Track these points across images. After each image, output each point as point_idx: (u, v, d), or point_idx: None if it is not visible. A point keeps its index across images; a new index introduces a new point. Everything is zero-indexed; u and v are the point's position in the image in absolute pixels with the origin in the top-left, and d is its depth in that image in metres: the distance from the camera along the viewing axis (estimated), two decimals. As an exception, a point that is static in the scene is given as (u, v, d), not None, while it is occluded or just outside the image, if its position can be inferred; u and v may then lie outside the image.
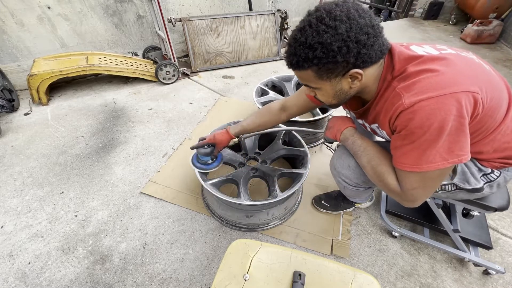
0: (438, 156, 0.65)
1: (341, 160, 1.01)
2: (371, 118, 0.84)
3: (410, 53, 0.70)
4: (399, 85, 0.68)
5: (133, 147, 1.80)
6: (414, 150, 0.67)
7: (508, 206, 0.91)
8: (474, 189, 0.83)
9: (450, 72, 0.64)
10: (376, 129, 0.87)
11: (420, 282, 1.12)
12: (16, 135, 1.92)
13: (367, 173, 0.87)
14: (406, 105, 0.64)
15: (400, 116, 0.67)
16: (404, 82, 0.67)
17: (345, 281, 0.66)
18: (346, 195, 1.19)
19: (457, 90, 0.61)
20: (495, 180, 0.83)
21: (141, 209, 1.41)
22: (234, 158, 1.40)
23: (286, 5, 3.31)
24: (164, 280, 1.13)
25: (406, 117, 0.65)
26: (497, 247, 1.23)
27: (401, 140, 0.69)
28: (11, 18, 2.14)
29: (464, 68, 0.66)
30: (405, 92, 0.65)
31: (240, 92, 2.43)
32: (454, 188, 0.86)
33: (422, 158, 0.66)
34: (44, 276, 1.14)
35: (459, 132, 0.63)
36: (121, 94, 2.38)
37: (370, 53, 0.65)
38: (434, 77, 0.63)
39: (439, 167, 0.66)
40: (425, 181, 0.70)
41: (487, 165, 0.82)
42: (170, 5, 2.64)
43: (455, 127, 0.62)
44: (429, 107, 0.61)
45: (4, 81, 2.23)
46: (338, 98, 0.77)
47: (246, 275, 0.67)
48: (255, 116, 1.18)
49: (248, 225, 1.29)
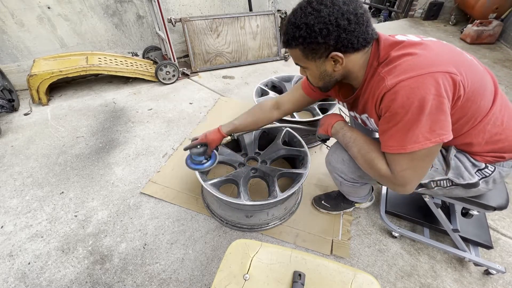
0: (421, 136, 0.67)
1: (335, 155, 1.03)
2: (360, 107, 0.86)
3: (394, 40, 0.74)
4: (383, 70, 0.71)
5: (133, 147, 1.80)
6: (399, 131, 0.69)
7: (507, 205, 0.91)
8: (469, 184, 0.84)
9: (428, 54, 0.68)
10: (366, 120, 0.89)
11: (420, 282, 1.12)
12: (16, 135, 1.92)
13: (358, 163, 0.89)
14: (389, 86, 0.67)
15: (384, 98, 0.70)
16: (387, 67, 0.71)
17: (345, 281, 0.66)
18: (344, 192, 1.19)
19: (435, 70, 0.64)
20: (490, 176, 0.83)
21: (141, 209, 1.41)
22: (234, 158, 1.40)
23: (286, 5, 3.31)
24: (164, 280, 1.13)
25: (389, 98, 0.68)
26: (497, 247, 1.23)
27: (386, 123, 0.72)
28: (11, 18, 2.14)
29: (443, 52, 0.70)
30: (387, 75, 0.69)
31: (240, 92, 2.43)
32: (450, 184, 0.87)
33: (406, 139, 0.69)
34: (44, 276, 1.14)
35: (439, 111, 0.65)
36: (121, 94, 2.38)
37: (350, 39, 0.69)
38: (413, 59, 0.67)
39: (423, 146, 0.68)
40: (413, 162, 0.72)
41: (480, 160, 0.83)
42: (170, 5, 2.65)
43: (435, 106, 0.65)
44: (409, 86, 0.65)
45: (4, 81, 2.23)
46: (323, 80, 0.82)
47: (246, 275, 0.67)
48: (247, 114, 1.18)
49: (248, 225, 1.29)
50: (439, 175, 0.86)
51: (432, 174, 0.87)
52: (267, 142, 1.51)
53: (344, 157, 0.99)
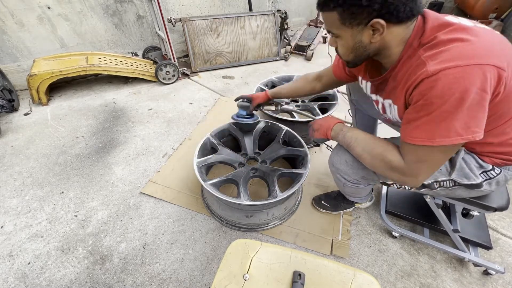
0: (454, 131, 0.62)
1: (338, 157, 1.02)
2: (387, 91, 0.81)
3: (444, 21, 0.67)
4: (425, 54, 0.65)
5: (133, 147, 1.80)
6: (429, 122, 0.64)
7: (507, 206, 0.91)
8: (473, 184, 0.83)
9: (480, 43, 0.61)
10: (387, 107, 0.84)
11: (420, 282, 1.12)
12: (16, 135, 1.92)
13: (364, 161, 0.86)
14: (430, 72, 0.61)
15: (421, 85, 0.64)
16: (431, 51, 0.64)
17: (345, 281, 0.66)
18: (346, 193, 1.19)
19: (485, 62, 0.59)
20: (494, 178, 0.82)
21: (141, 209, 1.41)
22: (234, 158, 1.40)
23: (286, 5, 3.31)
24: (164, 280, 1.13)
25: (427, 85, 0.62)
26: (497, 247, 1.23)
27: (416, 112, 0.67)
28: (11, 18, 2.14)
29: (494, 43, 0.64)
30: (430, 60, 0.63)
31: (240, 92, 2.43)
32: (453, 185, 0.86)
33: (437, 131, 0.64)
34: (44, 276, 1.14)
35: (479, 107, 0.61)
36: (121, 94, 2.38)
37: (397, 6, 0.62)
38: (464, 46, 0.61)
39: (452, 142, 0.63)
40: (433, 155, 0.69)
41: (489, 161, 0.81)
42: (170, 5, 2.65)
43: (476, 101, 0.60)
44: (453, 75, 0.59)
45: (4, 81, 2.23)
46: (356, 52, 0.75)
47: (246, 275, 0.67)
48: (292, 82, 1.29)
49: (248, 225, 1.29)
50: (442, 176, 0.85)
51: (436, 175, 0.86)
52: (267, 142, 1.51)
53: (347, 158, 0.98)
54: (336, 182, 1.14)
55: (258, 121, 1.46)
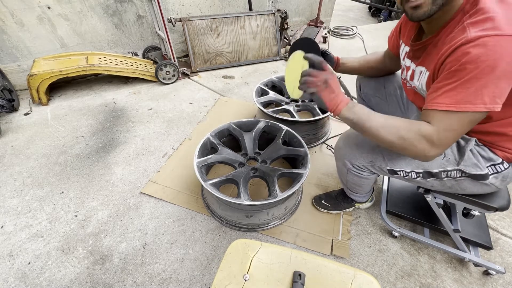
0: (480, 98, 0.63)
1: (347, 140, 1.02)
2: (424, 57, 0.80)
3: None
4: (468, 20, 0.65)
5: (133, 147, 1.80)
6: (458, 88, 0.65)
7: (508, 206, 0.91)
8: (479, 175, 0.83)
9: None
10: (417, 74, 0.84)
11: (420, 282, 1.12)
12: (16, 135, 1.92)
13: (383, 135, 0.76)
14: (470, 39, 0.62)
15: (458, 50, 0.64)
16: (475, 16, 0.65)
17: (345, 281, 0.66)
18: (347, 185, 1.19)
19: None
20: (501, 172, 0.82)
21: (141, 209, 1.41)
22: (234, 158, 1.40)
23: (286, 5, 3.31)
24: (164, 280, 1.13)
25: (464, 50, 0.63)
26: (497, 247, 1.23)
27: (447, 79, 0.67)
28: (11, 18, 2.14)
29: None
30: (471, 27, 0.63)
31: (240, 92, 2.43)
32: (460, 175, 0.86)
33: (464, 97, 0.64)
34: (44, 276, 1.14)
35: (508, 79, 0.62)
36: (121, 94, 2.38)
37: None
38: (507, 15, 0.62)
39: (476, 109, 0.64)
40: (457, 123, 0.68)
41: (500, 155, 0.82)
42: (170, 5, 2.64)
43: (508, 72, 0.61)
44: (491, 43, 0.60)
45: (4, 81, 2.23)
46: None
47: (246, 275, 0.67)
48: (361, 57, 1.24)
49: (248, 225, 1.29)
50: (450, 165, 0.86)
51: (444, 163, 0.86)
52: (267, 142, 1.51)
53: (357, 141, 0.98)
54: (339, 171, 1.14)
55: None
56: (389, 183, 1.39)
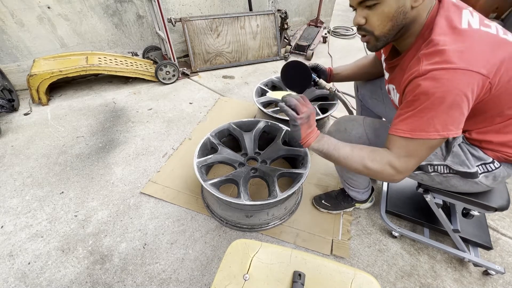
0: (432, 127, 0.68)
1: (338, 125, 1.04)
2: (394, 76, 0.84)
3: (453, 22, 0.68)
4: (423, 51, 0.69)
5: (133, 147, 1.80)
6: (413, 116, 0.69)
7: (508, 206, 0.91)
8: (467, 173, 0.83)
9: (474, 49, 0.64)
10: (391, 90, 0.88)
11: (420, 282, 1.12)
12: (16, 135, 1.92)
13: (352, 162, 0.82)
14: (422, 72, 0.66)
15: (412, 82, 0.68)
16: (428, 48, 0.68)
17: (345, 281, 0.66)
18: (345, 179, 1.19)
19: (471, 69, 0.62)
20: (492, 171, 0.83)
21: (141, 209, 1.41)
22: (234, 158, 1.40)
23: (286, 5, 3.31)
24: (164, 280, 1.13)
25: (417, 83, 0.67)
26: (497, 247, 1.23)
27: (406, 107, 0.71)
28: (11, 18, 2.14)
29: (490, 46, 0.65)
30: (425, 59, 0.67)
31: (240, 92, 2.43)
32: (448, 171, 0.87)
33: (418, 125, 0.69)
34: (44, 276, 1.14)
35: (458, 109, 0.65)
36: (121, 94, 2.38)
37: None
38: (456, 49, 0.64)
39: (430, 137, 0.69)
40: (413, 148, 0.73)
41: (491, 154, 0.82)
42: (170, 5, 2.64)
43: (456, 103, 0.64)
44: (439, 76, 0.63)
45: (4, 81, 2.23)
46: (395, 21, 0.71)
47: (246, 275, 0.67)
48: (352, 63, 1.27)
49: (248, 225, 1.29)
50: (437, 160, 0.87)
51: (431, 157, 0.87)
52: (267, 142, 1.51)
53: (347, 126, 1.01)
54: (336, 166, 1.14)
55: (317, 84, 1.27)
56: (389, 183, 1.40)
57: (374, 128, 0.99)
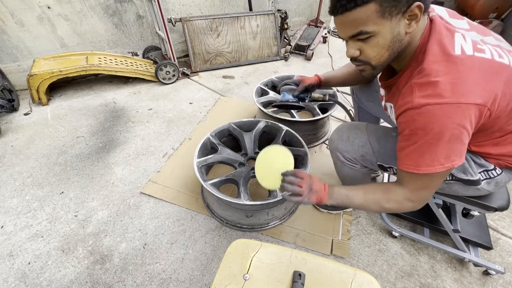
0: (436, 161, 0.67)
1: (340, 133, 1.03)
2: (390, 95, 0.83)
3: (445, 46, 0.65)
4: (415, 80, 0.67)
5: (133, 147, 1.80)
6: (415, 151, 0.69)
7: (508, 206, 0.91)
8: (470, 181, 0.83)
9: (468, 79, 0.62)
10: (389, 108, 0.87)
11: (420, 282, 1.12)
12: (16, 135, 1.92)
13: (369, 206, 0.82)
14: (415, 105, 0.64)
15: (406, 114, 0.67)
16: (421, 78, 0.65)
17: (345, 281, 0.66)
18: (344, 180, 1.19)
19: (466, 101, 0.61)
20: (494, 178, 0.83)
21: (141, 209, 1.41)
22: (234, 158, 1.40)
23: (286, 5, 3.31)
24: (164, 280, 1.13)
25: (411, 117, 0.66)
26: (497, 247, 1.23)
27: (405, 140, 0.71)
28: (11, 18, 2.14)
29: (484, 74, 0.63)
30: (417, 90, 0.65)
31: (240, 92, 2.43)
32: (450, 178, 0.87)
33: (421, 161, 0.69)
34: (44, 276, 1.14)
35: (458, 141, 0.65)
36: (121, 94, 2.38)
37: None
38: (450, 81, 0.62)
39: (436, 171, 0.68)
40: (424, 181, 0.73)
41: (493, 162, 0.82)
42: (170, 5, 2.64)
43: (455, 136, 0.64)
44: (434, 111, 0.62)
45: (4, 81, 2.23)
46: (392, 49, 0.68)
47: (246, 275, 0.67)
48: (342, 67, 1.25)
49: (248, 225, 1.29)
50: None
51: None
52: (267, 142, 1.50)
53: (350, 134, 1.00)
54: (335, 166, 1.15)
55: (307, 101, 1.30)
56: (389, 183, 1.39)
57: (377, 137, 0.98)
